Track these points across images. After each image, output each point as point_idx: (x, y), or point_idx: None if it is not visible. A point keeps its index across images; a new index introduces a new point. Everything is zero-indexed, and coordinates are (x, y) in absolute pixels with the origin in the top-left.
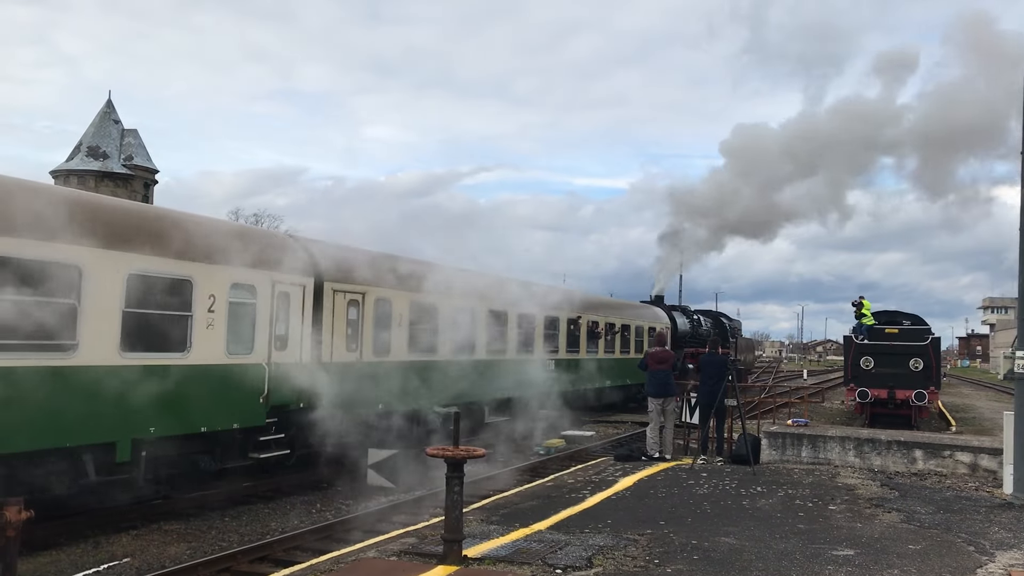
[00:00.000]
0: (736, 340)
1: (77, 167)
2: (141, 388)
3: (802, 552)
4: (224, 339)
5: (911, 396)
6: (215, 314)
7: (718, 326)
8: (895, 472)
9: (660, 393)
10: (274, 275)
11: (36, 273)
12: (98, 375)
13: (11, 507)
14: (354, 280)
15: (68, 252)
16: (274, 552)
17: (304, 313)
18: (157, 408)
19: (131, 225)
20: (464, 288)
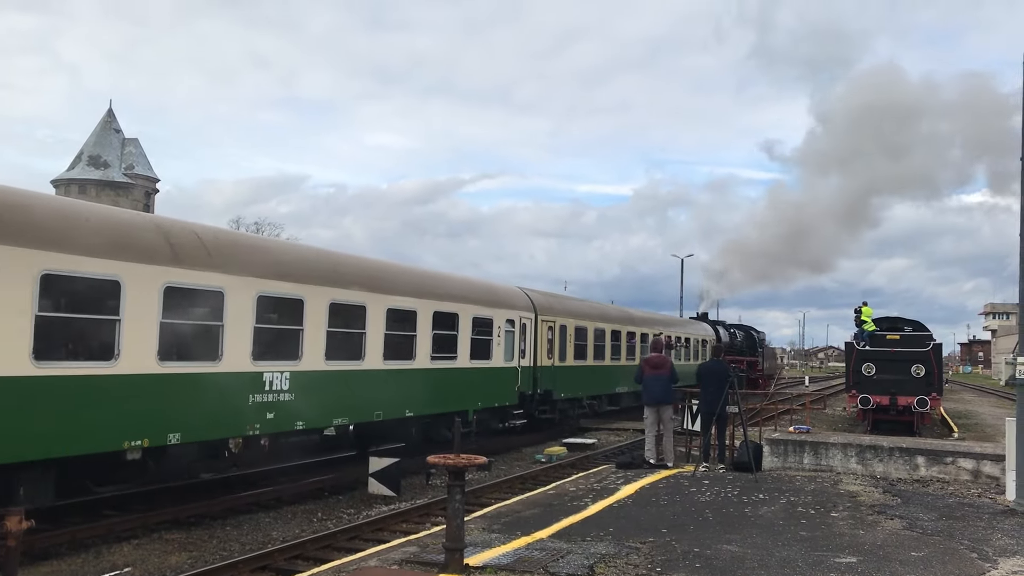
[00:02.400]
0: (763, 349)
1: (78, 176)
2: (475, 379)
3: (804, 559)
4: (503, 352)
5: (913, 402)
6: (500, 337)
7: (749, 338)
8: (897, 479)
9: (654, 401)
10: (521, 313)
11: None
12: (464, 374)
13: (12, 517)
14: (552, 313)
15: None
16: (275, 561)
17: (530, 335)
18: (482, 391)
19: (427, 280)
20: (602, 315)
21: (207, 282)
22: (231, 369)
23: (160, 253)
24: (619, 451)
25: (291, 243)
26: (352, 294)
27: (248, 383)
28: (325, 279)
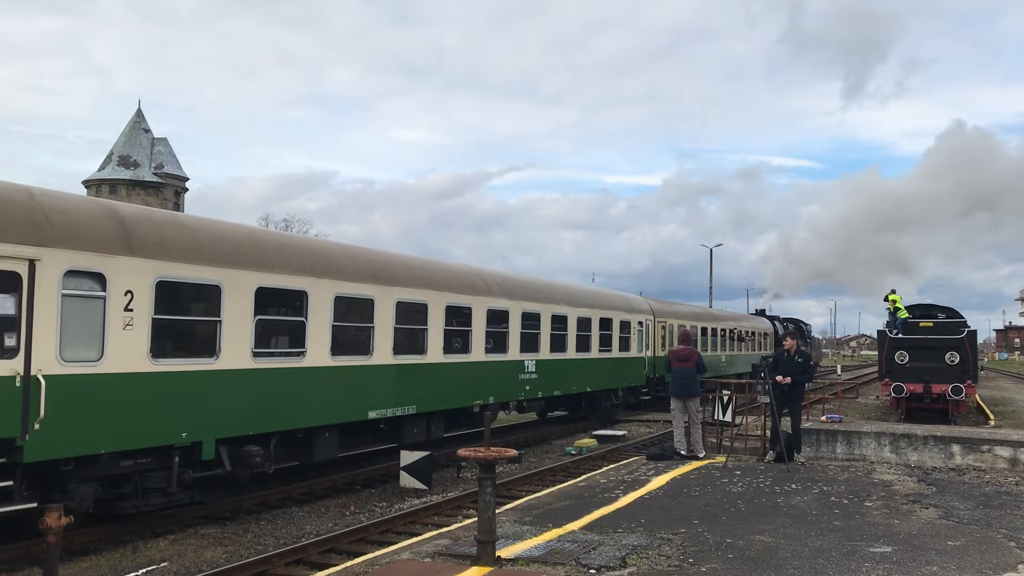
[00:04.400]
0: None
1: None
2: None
3: (838, 549)
4: (636, 346)
5: (947, 390)
6: (634, 335)
7: (799, 330)
8: (932, 467)
9: (680, 392)
10: (645, 316)
11: None
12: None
13: (51, 513)
14: (664, 315)
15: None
16: (309, 555)
17: (650, 332)
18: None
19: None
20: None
21: (415, 297)
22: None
23: (399, 279)
24: (649, 443)
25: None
26: (533, 305)
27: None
28: (480, 290)
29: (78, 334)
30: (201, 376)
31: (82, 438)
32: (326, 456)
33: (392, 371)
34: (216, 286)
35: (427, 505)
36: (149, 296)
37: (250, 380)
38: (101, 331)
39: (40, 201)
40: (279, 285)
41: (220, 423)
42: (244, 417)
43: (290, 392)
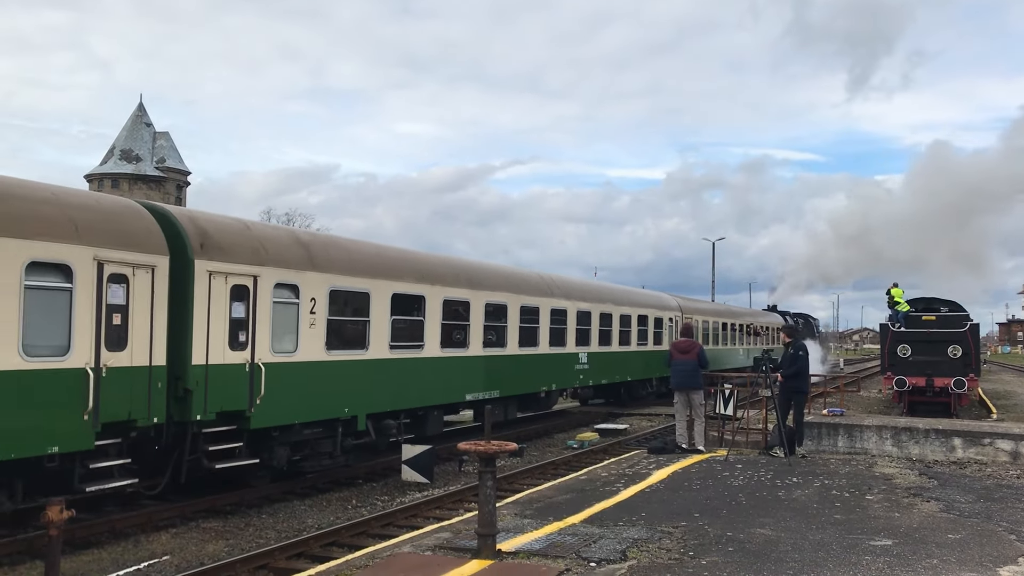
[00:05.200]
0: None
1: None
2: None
3: (839, 543)
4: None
5: (950, 384)
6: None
7: (808, 325)
8: (934, 461)
9: (681, 385)
10: (674, 313)
11: None
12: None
13: (53, 507)
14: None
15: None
16: (311, 548)
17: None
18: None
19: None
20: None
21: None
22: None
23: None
24: (651, 436)
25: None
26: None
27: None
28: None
29: (282, 331)
30: (357, 364)
31: (285, 411)
32: (435, 431)
33: (482, 362)
34: (366, 293)
35: (428, 499)
36: (325, 302)
37: (388, 368)
38: (295, 329)
39: (254, 231)
40: (406, 291)
41: (369, 401)
42: (385, 397)
43: (413, 378)
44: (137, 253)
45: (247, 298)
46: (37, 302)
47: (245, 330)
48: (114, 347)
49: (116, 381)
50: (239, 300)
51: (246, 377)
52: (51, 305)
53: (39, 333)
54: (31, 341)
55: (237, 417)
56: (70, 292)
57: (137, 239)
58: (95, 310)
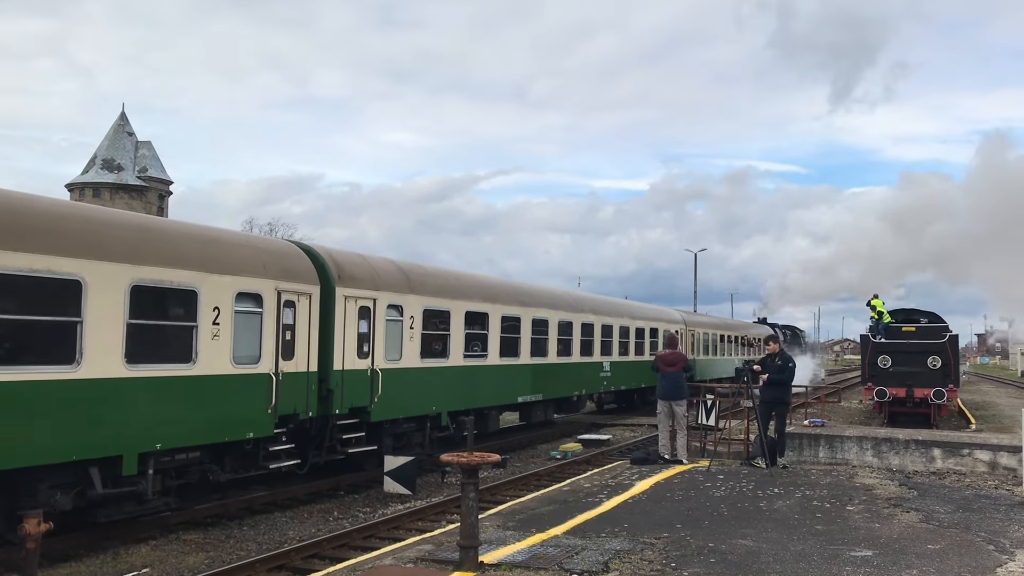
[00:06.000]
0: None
1: (92, 180)
2: None
3: (820, 553)
4: None
5: (929, 394)
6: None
7: (795, 336)
8: (914, 471)
9: (667, 395)
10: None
11: None
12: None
13: (31, 519)
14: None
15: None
16: (292, 560)
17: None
18: None
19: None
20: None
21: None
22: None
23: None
24: (634, 447)
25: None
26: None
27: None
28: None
29: (391, 343)
30: (442, 370)
31: (394, 408)
32: (493, 428)
33: (530, 369)
34: (448, 311)
35: (411, 510)
36: (420, 318)
37: (463, 373)
38: (400, 341)
39: (370, 262)
40: (476, 309)
41: (449, 401)
42: (460, 398)
43: (480, 381)
44: (300, 284)
45: (368, 317)
46: (241, 323)
47: (367, 342)
48: (287, 357)
49: (288, 383)
50: (363, 318)
51: (367, 380)
52: (249, 325)
53: (242, 346)
54: (237, 353)
55: (360, 412)
56: (260, 315)
57: (300, 273)
58: (276, 328)
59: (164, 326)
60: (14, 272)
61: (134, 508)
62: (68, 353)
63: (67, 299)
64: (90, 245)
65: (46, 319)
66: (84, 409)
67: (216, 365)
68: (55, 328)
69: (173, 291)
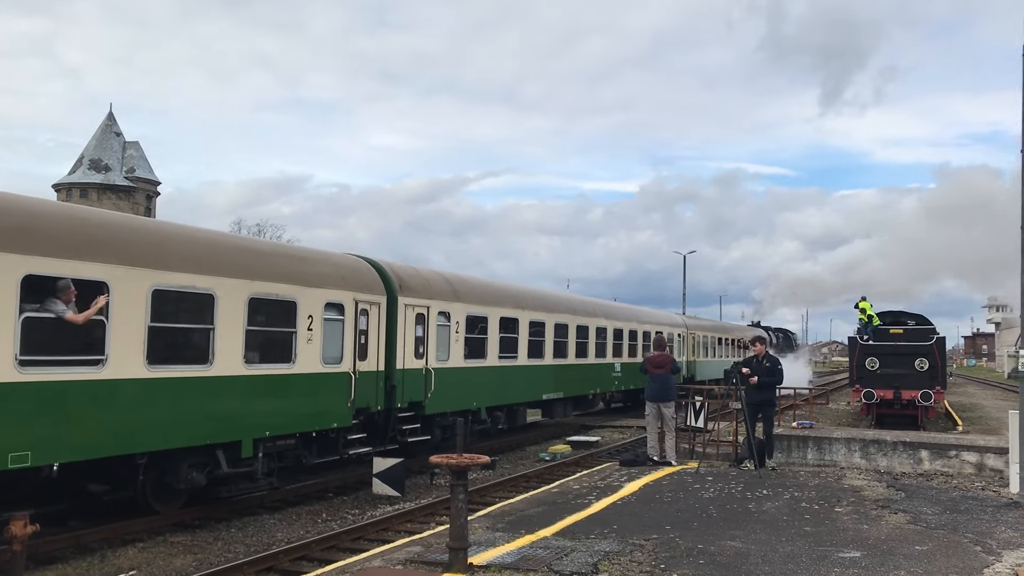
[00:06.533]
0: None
1: (79, 180)
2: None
3: (808, 555)
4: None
5: (917, 396)
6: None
7: (787, 339)
8: (901, 473)
9: (656, 397)
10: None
11: None
12: None
13: (17, 521)
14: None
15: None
16: (280, 563)
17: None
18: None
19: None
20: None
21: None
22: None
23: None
24: (623, 448)
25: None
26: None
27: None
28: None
29: (440, 345)
30: (481, 370)
31: (443, 402)
32: (522, 422)
33: (552, 369)
34: (485, 317)
35: (400, 512)
36: (464, 323)
37: (498, 373)
38: (448, 344)
39: (422, 274)
40: (508, 315)
41: (487, 397)
42: (495, 394)
43: (511, 380)
44: (372, 294)
45: (423, 322)
46: (328, 329)
47: (422, 345)
48: (362, 358)
49: (363, 381)
50: (419, 324)
51: (422, 378)
52: (333, 331)
53: (328, 348)
54: (325, 354)
55: (416, 406)
56: (342, 322)
57: (371, 285)
58: (354, 333)
59: (272, 332)
60: (177, 288)
61: (248, 485)
62: (204, 355)
63: (204, 310)
64: (220, 264)
65: (192, 327)
66: (215, 401)
67: (310, 365)
68: (196, 334)
69: (278, 302)
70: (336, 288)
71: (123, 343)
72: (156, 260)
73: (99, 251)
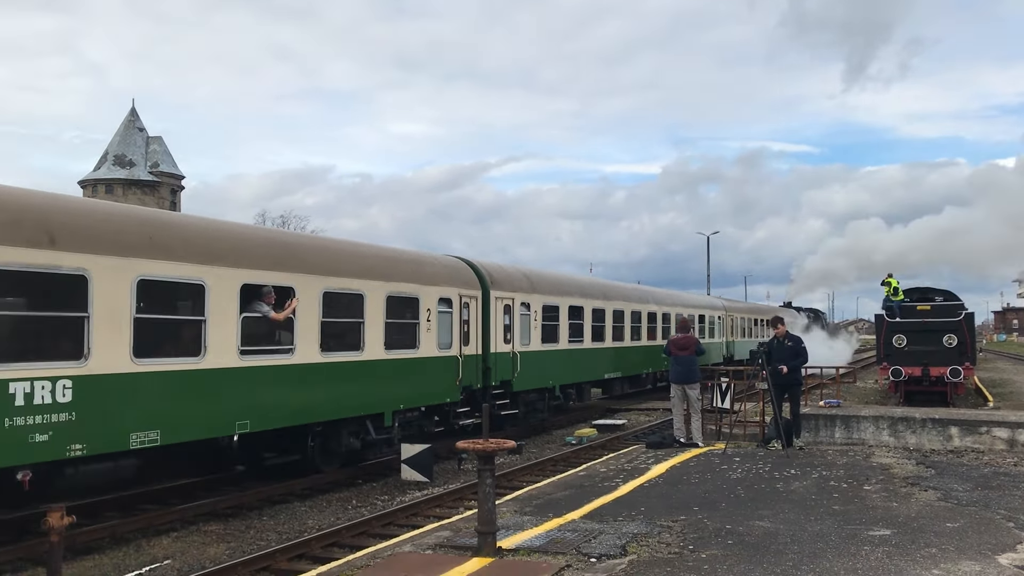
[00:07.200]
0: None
1: (104, 176)
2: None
3: (838, 533)
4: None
5: (946, 373)
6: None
7: (818, 318)
8: (931, 450)
9: (680, 379)
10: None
11: None
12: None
13: (54, 512)
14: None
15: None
16: (312, 549)
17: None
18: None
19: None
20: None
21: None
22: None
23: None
24: (649, 431)
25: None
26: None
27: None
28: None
29: (523, 332)
30: (554, 352)
31: (527, 381)
32: (587, 399)
33: (612, 351)
34: (557, 306)
35: (428, 497)
36: (540, 312)
37: (568, 355)
38: (529, 330)
39: (507, 270)
40: (575, 304)
41: (559, 377)
42: (566, 374)
43: (578, 361)
44: (471, 290)
45: (510, 312)
46: (440, 320)
47: (509, 331)
48: (465, 343)
49: (467, 363)
50: (507, 313)
51: (510, 360)
52: (444, 321)
53: (441, 336)
54: (439, 341)
55: (506, 384)
56: (450, 314)
57: (470, 282)
58: (459, 323)
59: (402, 323)
60: (340, 291)
61: (387, 451)
62: (358, 343)
63: (356, 307)
64: (369, 270)
65: (349, 320)
66: (366, 380)
67: (429, 350)
68: (352, 326)
69: (407, 299)
70: (445, 285)
71: (305, 335)
72: (326, 269)
73: (288, 263)
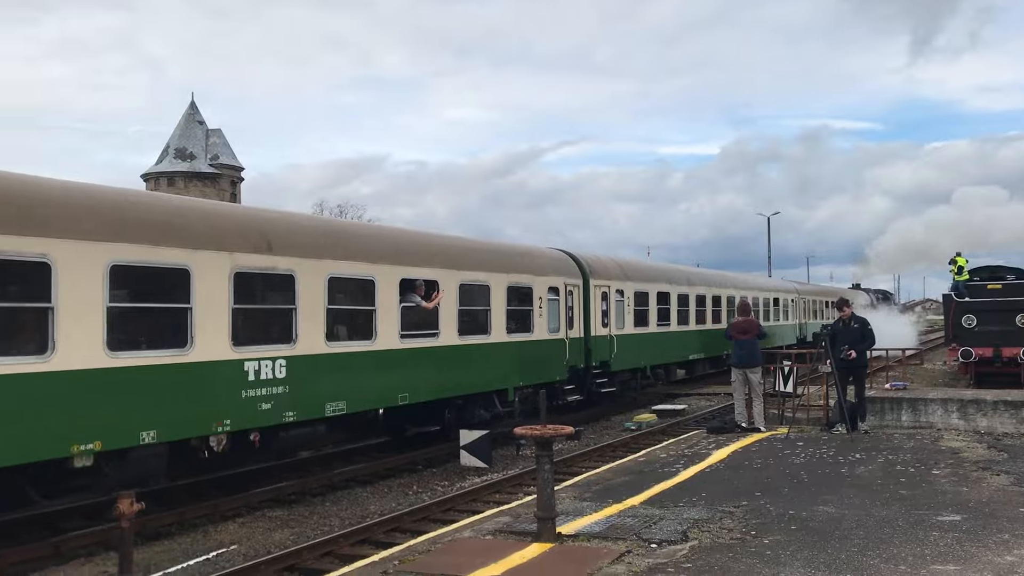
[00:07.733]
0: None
1: (166, 169)
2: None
3: (905, 519)
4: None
5: (1018, 353)
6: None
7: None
8: (1003, 433)
9: (741, 363)
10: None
11: None
12: None
13: (124, 499)
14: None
15: None
16: (374, 535)
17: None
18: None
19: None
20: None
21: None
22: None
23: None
24: (710, 416)
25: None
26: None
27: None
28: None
29: (618, 316)
30: (646, 336)
31: (623, 362)
32: (673, 379)
33: (696, 334)
34: (647, 292)
35: (488, 483)
36: (632, 298)
37: (657, 338)
38: (623, 315)
39: (602, 260)
40: (662, 290)
41: (650, 358)
42: (656, 355)
43: (666, 344)
44: (574, 279)
45: (607, 299)
46: (549, 306)
47: (606, 316)
48: (569, 327)
49: (572, 345)
50: (604, 300)
51: (607, 342)
52: (552, 308)
53: (551, 321)
54: (549, 326)
55: (604, 365)
56: (557, 301)
57: (572, 272)
58: (564, 309)
59: (520, 310)
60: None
61: (508, 421)
62: (486, 327)
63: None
64: (493, 263)
65: (478, 308)
66: (494, 359)
67: (541, 334)
68: (480, 313)
69: (523, 288)
70: (553, 275)
71: (446, 322)
72: (461, 264)
73: (433, 260)
